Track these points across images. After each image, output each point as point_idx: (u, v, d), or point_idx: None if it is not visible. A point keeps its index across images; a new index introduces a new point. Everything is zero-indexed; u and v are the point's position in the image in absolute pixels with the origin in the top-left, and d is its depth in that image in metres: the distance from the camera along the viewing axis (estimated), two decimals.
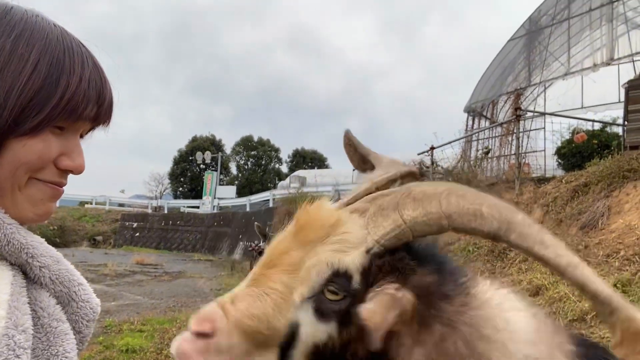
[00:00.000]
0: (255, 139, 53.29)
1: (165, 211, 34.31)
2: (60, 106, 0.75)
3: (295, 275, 0.89)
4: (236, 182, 46.99)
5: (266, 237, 1.59)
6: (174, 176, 48.63)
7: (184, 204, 37.26)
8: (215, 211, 32.03)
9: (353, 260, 0.88)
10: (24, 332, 0.70)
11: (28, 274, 0.78)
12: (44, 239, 0.82)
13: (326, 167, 48.46)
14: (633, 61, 12.81)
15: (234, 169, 52.83)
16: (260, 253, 6.36)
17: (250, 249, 7.85)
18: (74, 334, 0.80)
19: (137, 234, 30.23)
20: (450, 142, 12.94)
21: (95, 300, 0.86)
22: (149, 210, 35.06)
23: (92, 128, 0.86)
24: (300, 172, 33.59)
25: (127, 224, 30.95)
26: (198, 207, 34.22)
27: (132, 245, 28.75)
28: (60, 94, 0.75)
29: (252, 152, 52.58)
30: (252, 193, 36.12)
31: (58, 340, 0.76)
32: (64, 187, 0.83)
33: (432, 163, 12.10)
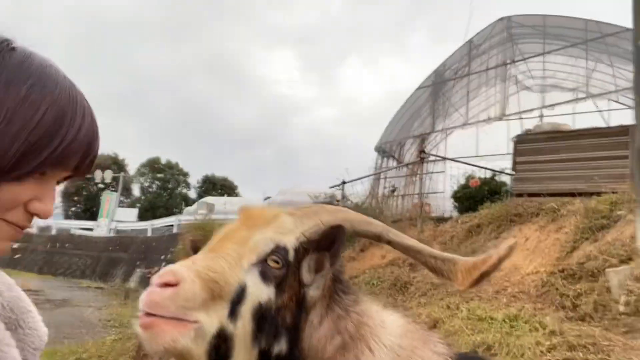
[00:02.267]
0: (163, 161, 51.09)
1: (53, 232, 31.23)
2: (54, 156, 0.77)
3: (244, 247, 1.11)
4: (138, 205, 44.38)
5: (196, 250, 1.51)
6: (67, 194, 44.60)
7: (76, 225, 34.21)
8: (111, 235, 29.79)
9: (289, 240, 1.16)
10: None
11: None
12: None
13: (237, 195, 47.68)
14: (521, 118, 14.41)
15: (136, 191, 49.96)
16: None
17: (148, 275, 7.33)
18: None
19: (18, 256, 27.01)
20: (360, 178, 13.44)
21: (43, 329, 0.85)
22: (34, 230, 31.66)
23: (69, 177, 0.87)
24: (208, 199, 32.61)
25: None
26: (92, 230, 31.63)
27: (10, 267, 25.55)
28: (56, 143, 0.77)
29: (159, 175, 50.25)
30: (155, 217, 34.24)
31: None
32: (24, 230, 0.83)
33: (343, 197, 12.44)
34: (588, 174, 9.56)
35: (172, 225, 26.18)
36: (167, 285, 0.96)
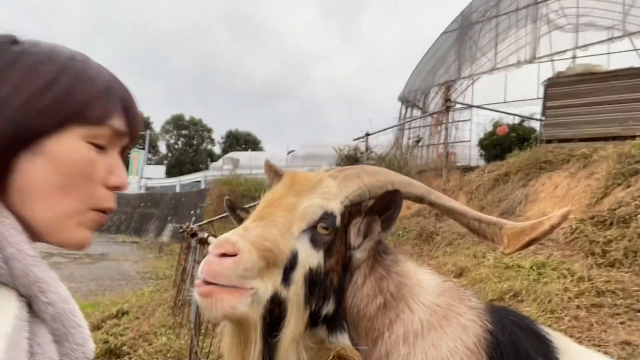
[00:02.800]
0: (187, 118, 51.44)
1: None
2: (89, 109, 0.79)
3: (293, 214, 1.14)
4: (165, 162, 45.26)
5: (234, 211, 1.57)
6: None
7: None
8: (142, 191, 30.66)
9: (335, 205, 1.19)
10: None
11: (32, 307, 0.76)
12: (57, 275, 0.81)
13: (260, 149, 47.98)
14: (553, 61, 13.77)
15: (163, 149, 50.78)
16: (193, 235, 6.18)
17: (181, 230, 7.60)
18: None
19: None
20: (384, 130, 13.26)
21: (89, 346, 0.85)
22: None
23: (127, 147, 0.89)
24: (233, 154, 32.94)
25: None
26: None
27: None
28: (85, 99, 0.79)
29: (183, 132, 50.77)
30: (182, 174, 34.94)
31: None
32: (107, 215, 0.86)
33: (367, 149, 12.35)
34: (622, 117, 9.17)
35: (199, 181, 26.71)
36: (225, 255, 1.01)
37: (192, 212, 19.88)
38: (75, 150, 0.78)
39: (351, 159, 11.92)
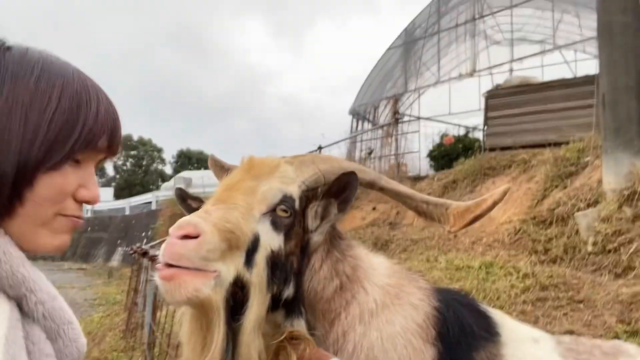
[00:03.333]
0: (135, 138, 49.97)
1: None
2: (81, 139, 0.78)
3: (253, 197, 1.14)
4: (113, 184, 43.60)
5: (184, 200, 1.52)
6: None
7: None
8: (88, 215, 29.33)
9: (294, 189, 1.21)
10: None
11: (22, 308, 0.76)
12: (43, 275, 0.81)
13: None
14: (491, 74, 14.54)
15: (110, 170, 48.95)
16: (144, 254, 5.98)
17: (131, 252, 7.35)
18: None
19: None
20: (336, 142, 13.49)
21: (82, 340, 0.85)
22: None
23: (103, 159, 0.89)
24: (185, 173, 32.22)
25: None
26: None
27: None
28: (80, 126, 0.78)
29: (132, 152, 49.23)
30: (132, 195, 33.76)
31: None
32: (81, 220, 0.86)
33: None
34: (557, 125, 9.79)
35: (150, 202, 25.90)
36: (187, 237, 0.98)
37: (144, 233, 19.22)
38: (59, 181, 0.78)
39: None
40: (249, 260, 1.07)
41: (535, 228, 5.99)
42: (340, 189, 1.22)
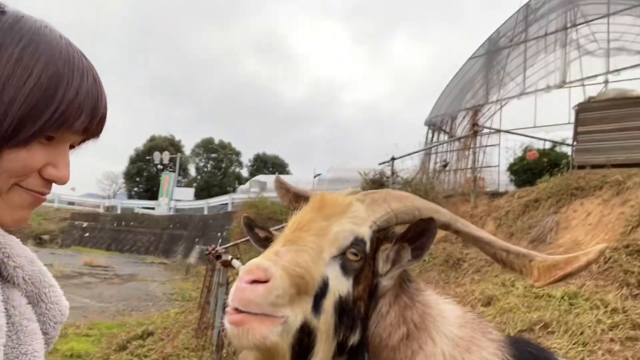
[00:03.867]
0: (217, 141, 52.50)
1: (119, 211, 33.16)
2: (54, 118, 0.75)
3: (324, 238, 1.10)
4: (194, 185, 46.08)
5: (252, 229, 1.57)
6: (129, 176, 47.12)
7: (139, 205, 36.13)
8: (171, 213, 31.22)
9: (365, 230, 1.16)
10: None
11: (2, 273, 0.77)
12: (19, 240, 0.83)
13: (287, 173, 48.35)
14: (583, 85, 13.52)
15: (192, 171, 51.80)
16: (218, 257, 6.24)
17: (206, 252, 7.69)
18: (41, 335, 0.80)
19: (87, 234, 29.02)
20: (410, 154, 13.21)
21: (64, 303, 0.86)
22: (101, 210, 33.77)
23: (83, 140, 0.86)
24: (260, 177, 33.30)
25: (76, 223, 29.66)
26: (153, 209, 33.27)
27: (81, 245, 27.53)
28: (55, 106, 0.75)
29: (213, 155, 51.75)
30: (210, 196, 35.47)
31: (28, 339, 0.76)
32: (45, 196, 0.83)
33: (392, 173, 12.30)
34: None
35: (226, 204, 27.03)
36: (256, 281, 0.97)
37: (219, 234, 20.08)
38: (21, 158, 0.75)
39: (376, 183, 11.88)
40: (316, 306, 1.04)
41: (629, 257, 5.43)
42: (416, 235, 1.16)
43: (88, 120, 0.81)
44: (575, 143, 11.05)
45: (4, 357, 0.71)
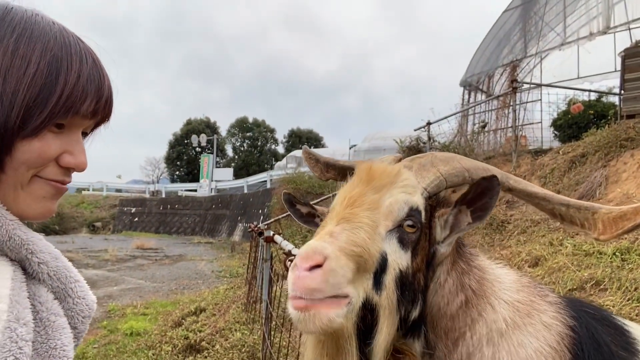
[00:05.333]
0: (251, 120, 52.93)
1: (163, 195, 34.29)
2: (60, 104, 0.76)
3: (377, 212, 1.06)
4: (233, 164, 46.88)
5: (293, 205, 1.57)
6: (169, 160, 48.43)
7: (182, 188, 37.22)
8: (213, 194, 32.01)
9: (419, 199, 1.11)
10: (25, 325, 0.70)
11: (27, 270, 0.78)
12: (42, 236, 0.82)
13: (322, 146, 48.33)
14: (629, 29, 12.66)
15: (229, 151, 52.64)
16: (260, 234, 6.37)
17: (249, 230, 7.86)
18: (70, 330, 0.81)
19: (136, 219, 30.28)
20: (446, 117, 12.87)
21: (91, 297, 0.87)
22: (147, 195, 35.03)
23: (95, 125, 0.87)
24: (296, 152, 33.46)
25: (125, 209, 30.96)
26: (196, 190, 34.20)
27: (131, 230, 28.81)
28: (59, 91, 0.75)
29: (248, 134, 52.31)
30: (249, 175, 36.06)
31: (56, 334, 0.77)
32: (67, 185, 0.83)
33: (429, 138, 12.06)
34: None
35: (265, 181, 27.40)
36: (315, 267, 0.95)
37: (260, 211, 20.47)
38: (35, 148, 0.76)
39: (413, 149, 11.68)
40: (377, 283, 1.02)
41: None
42: (477, 196, 1.09)
43: (94, 103, 0.81)
44: (622, 92, 10.42)
45: (34, 352, 0.72)
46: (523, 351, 1.07)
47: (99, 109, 0.82)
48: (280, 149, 52.65)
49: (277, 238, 4.62)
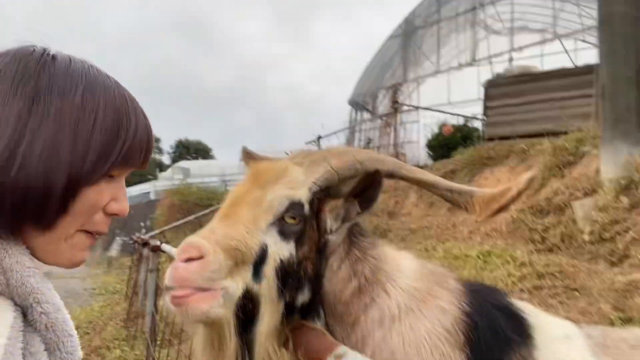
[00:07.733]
0: None
1: None
2: (120, 156, 0.79)
3: (259, 208, 1.11)
4: None
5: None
6: None
7: None
8: None
9: (303, 193, 1.16)
10: None
11: (27, 317, 0.76)
12: (52, 285, 0.81)
13: (211, 157, 47.18)
14: (491, 63, 14.49)
15: None
16: (145, 245, 6.02)
17: (132, 242, 7.38)
18: None
19: None
20: (335, 132, 13.50)
21: (78, 354, 0.84)
22: None
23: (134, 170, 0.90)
24: (183, 163, 32.23)
25: None
26: None
27: None
28: (120, 144, 0.79)
29: None
30: (129, 185, 33.77)
31: None
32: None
33: None
34: (556, 114, 9.77)
35: (148, 192, 25.90)
36: (191, 259, 0.98)
37: (142, 223, 19.26)
38: (93, 196, 0.78)
39: None
40: (257, 273, 1.07)
41: (533, 217, 6.03)
42: (363, 189, 1.18)
43: (145, 155, 0.85)
44: (485, 117, 11.88)
45: None
46: (415, 333, 1.14)
47: (147, 160, 0.86)
48: (166, 159, 50.27)
49: (165, 247, 4.42)
